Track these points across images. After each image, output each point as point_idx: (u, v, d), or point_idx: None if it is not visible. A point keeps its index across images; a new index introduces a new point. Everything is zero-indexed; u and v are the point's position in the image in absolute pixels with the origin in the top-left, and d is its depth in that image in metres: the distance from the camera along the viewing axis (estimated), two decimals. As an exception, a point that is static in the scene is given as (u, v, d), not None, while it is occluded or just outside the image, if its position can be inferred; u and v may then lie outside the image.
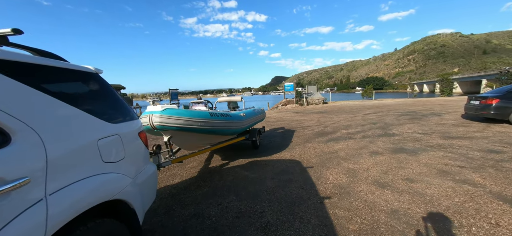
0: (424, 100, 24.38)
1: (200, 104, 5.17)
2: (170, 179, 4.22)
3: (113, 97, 1.96)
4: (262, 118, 7.12)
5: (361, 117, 11.88)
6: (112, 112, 1.86)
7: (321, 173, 4.07)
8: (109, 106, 1.86)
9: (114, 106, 1.92)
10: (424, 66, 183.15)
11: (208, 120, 3.96)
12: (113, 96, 1.97)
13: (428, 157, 4.67)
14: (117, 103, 1.97)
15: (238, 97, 6.89)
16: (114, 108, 1.91)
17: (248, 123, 5.37)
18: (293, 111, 18.20)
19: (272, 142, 6.88)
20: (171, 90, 23.53)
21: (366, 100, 27.07)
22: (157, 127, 3.54)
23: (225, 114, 4.40)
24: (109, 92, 1.94)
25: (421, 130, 7.55)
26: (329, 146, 6.03)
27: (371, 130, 8.05)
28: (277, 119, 13.13)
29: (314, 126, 9.56)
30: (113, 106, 1.91)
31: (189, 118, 3.70)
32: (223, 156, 5.60)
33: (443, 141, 5.95)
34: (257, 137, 6.16)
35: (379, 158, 4.73)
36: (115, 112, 1.88)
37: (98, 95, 1.84)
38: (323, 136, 7.45)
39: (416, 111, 13.25)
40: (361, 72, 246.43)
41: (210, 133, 4.13)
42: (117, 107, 1.94)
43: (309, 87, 26.99)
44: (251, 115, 5.71)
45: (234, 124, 4.58)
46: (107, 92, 1.92)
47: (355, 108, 17.71)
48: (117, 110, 1.92)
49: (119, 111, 1.94)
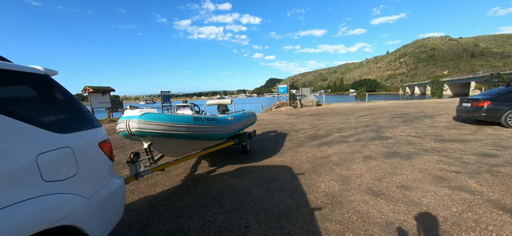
0: (416, 102, 24.63)
1: (186, 107, 4.89)
2: (151, 189, 3.92)
3: (67, 103, 1.69)
4: (253, 122, 6.89)
5: (355, 119, 11.78)
6: (64, 120, 1.59)
7: (313, 180, 3.86)
8: (60, 114, 1.59)
9: (68, 114, 1.65)
10: (415, 68, 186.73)
11: (192, 125, 3.70)
12: (68, 102, 1.70)
13: (422, 161, 4.52)
14: (73, 110, 1.70)
15: (228, 100, 6.63)
16: (68, 116, 1.64)
17: (237, 127, 5.12)
18: (287, 113, 18.05)
19: (263, 146, 6.65)
20: (163, 92, 23.05)
21: (359, 102, 27.20)
22: (134, 133, 3.26)
23: (211, 118, 4.14)
24: (61, 98, 1.67)
25: (415, 132, 7.45)
26: (321, 150, 5.84)
27: (365, 133, 7.91)
28: (270, 122, 12.93)
29: (307, 129, 9.38)
30: (66, 113, 1.64)
31: (170, 123, 3.43)
32: (211, 161, 5.33)
33: (437, 144, 5.84)
34: (247, 142, 5.92)
35: (372, 163, 4.55)
36: (68, 121, 1.61)
37: (47, 101, 1.57)
38: (316, 139, 7.26)
39: (409, 113, 13.27)
40: (354, 75, 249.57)
41: (195, 138, 3.86)
42: (71, 115, 1.67)
43: (303, 89, 26.94)
44: (240, 119, 5.46)
45: (221, 129, 4.33)
46: (59, 97, 1.65)
47: (349, 110, 17.69)
48: (71, 118, 1.65)
49: (74, 119, 1.67)
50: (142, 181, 4.24)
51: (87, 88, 18.49)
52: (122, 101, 21.85)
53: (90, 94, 18.39)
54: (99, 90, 19.09)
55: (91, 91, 18.42)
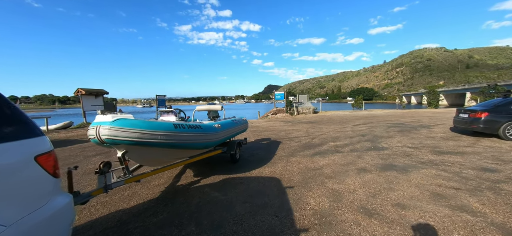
0: (413, 111, 24.59)
1: (170, 113, 4.58)
2: (126, 201, 3.59)
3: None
4: (244, 129, 6.60)
5: (351, 128, 11.55)
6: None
7: (302, 195, 3.56)
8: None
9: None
10: (412, 78, 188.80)
11: (172, 133, 3.40)
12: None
13: (419, 176, 4.25)
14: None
15: (218, 106, 6.35)
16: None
17: (224, 135, 4.82)
18: (283, 120, 17.80)
19: (254, 155, 6.34)
20: (159, 96, 22.71)
21: (356, 111, 27.09)
22: (105, 141, 2.94)
23: (194, 125, 3.85)
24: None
25: (411, 143, 7.21)
26: (314, 161, 5.55)
27: (360, 143, 7.65)
28: (265, 128, 12.64)
29: (302, 138, 9.11)
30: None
31: (146, 130, 3.13)
32: (196, 171, 5.01)
33: (434, 156, 5.59)
34: (237, 150, 5.62)
35: (367, 177, 4.26)
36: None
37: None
38: (310, 149, 6.98)
39: (405, 123, 13.09)
40: (352, 83, 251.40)
41: (175, 147, 3.55)
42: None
43: (300, 96, 26.80)
44: (229, 126, 5.17)
45: (205, 137, 4.02)
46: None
47: (345, 118, 17.50)
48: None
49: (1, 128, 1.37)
50: (118, 192, 3.90)
51: (80, 90, 18.10)
52: (115, 104, 21.44)
53: (83, 96, 18.00)
54: (92, 92, 18.71)
55: (84, 93, 18.02)
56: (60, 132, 12.95)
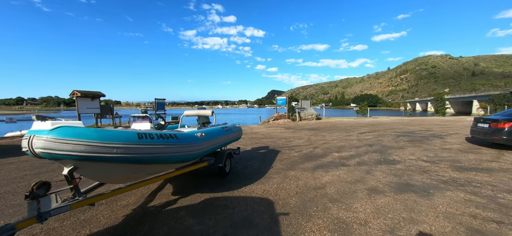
0: (420, 119, 23.61)
1: (145, 119, 3.87)
2: (77, 229, 2.85)
3: None
4: (237, 138, 5.86)
5: (356, 136, 10.74)
6: None
7: (299, 227, 2.79)
8: None
9: None
10: (416, 85, 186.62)
11: (134, 145, 2.68)
12: None
13: (445, 200, 3.45)
14: None
15: (208, 111, 5.64)
16: None
17: (209, 145, 4.08)
18: (284, 126, 17.02)
19: (248, 167, 5.58)
20: (157, 99, 22.18)
21: (360, 117, 26.18)
22: (41, 155, 2.25)
23: (167, 135, 3.12)
24: None
25: (426, 156, 6.39)
26: (316, 176, 4.77)
27: (368, 154, 6.85)
28: (264, 135, 11.89)
29: (303, 146, 8.33)
30: None
31: (96, 142, 2.42)
32: (178, 186, 4.27)
33: (457, 174, 4.77)
34: (226, 162, 4.88)
35: (380, 201, 3.48)
36: None
37: None
38: (311, 160, 6.20)
39: (414, 131, 12.23)
40: (355, 89, 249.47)
41: (140, 163, 2.83)
42: None
43: (303, 102, 26.03)
44: (216, 135, 4.43)
45: (182, 149, 3.29)
46: None
47: (349, 125, 16.66)
48: None
49: None
50: (73, 216, 3.17)
51: (75, 92, 17.58)
52: (113, 107, 20.88)
53: (78, 98, 17.44)
54: (88, 94, 18.18)
55: (79, 95, 17.51)
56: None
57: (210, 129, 4.41)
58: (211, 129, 4.45)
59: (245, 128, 15.87)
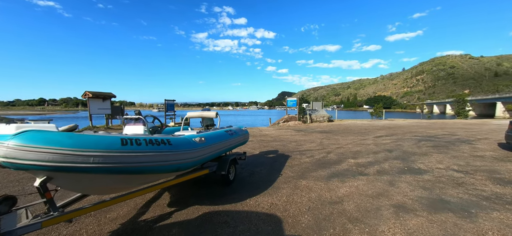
0: (440, 122, 22.20)
1: (138, 122, 3.46)
2: (55, 248, 2.47)
3: None
4: (243, 142, 5.39)
5: (372, 140, 9.98)
6: None
7: (313, 255, 2.26)
8: None
9: None
10: (433, 86, 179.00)
11: (116, 153, 2.26)
12: None
13: (494, 224, 2.81)
14: None
15: (212, 112, 5.21)
16: None
17: (210, 152, 3.62)
18: (294, 129, 16.40)
19: (254, 174, 5.09)
20: (167, 100, 22.18)
21: (375, 120, 25.04)
22: (2, 164, 1.89)
23: (159, 140, 2.69)
24: None
25: (456, 165, 5.65)
26: (331, 187, 4.21)
27: (388, 161, 6.18)
28: (274, 138, 11.35)
29: (315, 151, 7.74)
30: None
31: (70, 150, 2.02)
32: (175, 196, 3.84)
33: (500, 188, 4.06)
34: (230, 169, 4.41)
35: (411, 223, 2.88)
36: None
37: None
38: (325, 167, 5.62)
39: (437, 135, 11.28)
40: (368, 91, 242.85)
41: (123, 173, 2.41)
42: None
43: (314, 104, 25.26)
44: (218, 140, 3.97)
45: (176, 157, 2.85)
46: None
47: (364, 128, 15.79)
48: None
49: None
50: (54, 231, 2.81)
51: (87, 93, 17.85)
52: (123, 108, 21.05)
53: (90, 99, 17.70)
54: (99, 95, 18.42)
55: (91, 96, 17.74)
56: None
57: (212, 133, 3.95)
58: (213, 133, 3.99)
59: (254, 130, 15.40)
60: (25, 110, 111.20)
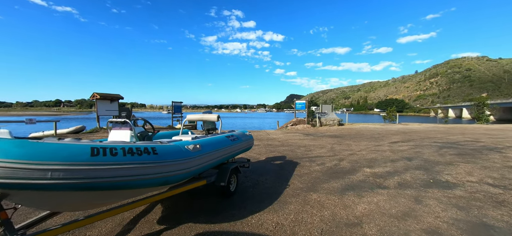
0: (459, 127, 20.93)
1: (124, 125, 3.02)
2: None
3: None
4: (246, 148, 4.91)
5: (388, 146, 9.27)
6: None
7: None
8: None
9: None
10: (448, 90, 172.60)
11: (83, 166, 1.83)
12: None
13: None
14: None
15: (214, 115, 4.77)
16: None
17: (207, 161, 3.16)
18: (303, 132, 15.78)
19: (259, 184, 4.59)
20: (174, 102, 22.07)
21: (388, 124, 23.97)
22: None
23: (140, 149, 2.24)
24: None
25: (490, 177, 4.94)
26: (346, 203, 3.65)
27: (409, 171, 5.53)
28: (281, 142, 10.81)
29: (326, 158, 7.15)
30: None
31: (22, 163, 1.60)
32: (167, 209, 3.40)
33: (554, 210, 3.37)
34: (231, 179, 3.94)
35: (453, 257, 2.30)
36: None
37: None
38: (337, 177, 5.05)
39: (459, 141, 10.40)
40: (379, 94, 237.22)
41: (94, 190, 1.97)
42: None
43: (324, 106, 24.50)
44: (217, 147, 3.51)
45: (163, 169, 2.39)
46: None
47: (377, 132, 14.96)
48: None
49: None
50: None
51: (95, 94, 17.91)
52: (131, 109, 21.06)
53: (98, 101, 17.74)
54: (107, 97, 18.45)
55: (99, 97, 17.78)
56: (68, 137, 12.30)
57: (209, 139, 3.49)
58: (211, 139, 3.52)
59: (262, 133, 14.90)
60: (42, 111, 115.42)
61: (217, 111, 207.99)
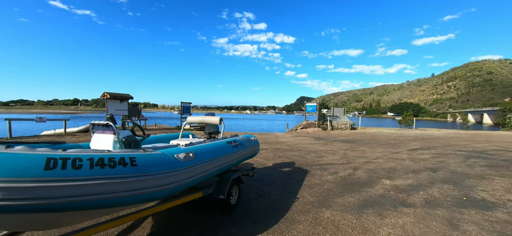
0: (483, 133, 19.51)
1: (107, 129, 2.61)
2: None
3: None
4: (250, 155, 4.44)
5: (407, 154, 8.51)
6: None
7: None
8: None
9: None
10: (467, 94, 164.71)
11: (34, 183, 1.43)
12: None
13: None
14: None
15: (216, 118, 4.34)
16: None
17: (202, 172, 2.71)
18: (314, 136, 15.12)
19: (264, 197, 4.10)
20: (183, 103, 22.02)
21: (404, 129, 22.78)
22: None
23: (115, 159, 1.82)
24: None
25: (537, 197, 4.20)
26: (365, 225, 3.10)
27: (436, 185, 4.86)
28: (291, 146, 10.27)
29: (339, 166, 6.56)
30: None
31: None
32: (158, 224, 2.98)
33: None
34: (232, 191, 3.49)
35: None
36: None
37: None
38: (353, 190, 4.48)
39: (486, 150, 9.46)
40: (393, 97, 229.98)
41: (52, 211, 1.57)
42: None
43: (335, 109, 23.65)
44: (216, 155, 3.06)
45: (146, 183, 1.96)
46: None
47: (393, 138, 14.07)
48: None
49: None
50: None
51: (105, 94, 18.06)
52: (141, 109, 21.13)
53: (108, 100, 17.87)
54: (117, 96, 18.56)
55: (109, 97, 17.91)
56: (77, 136, 12.33)
57: (206, 146, 3.04)
58: (208, 146, 3.08)
59: (270, 136, 14.39)
60: (61, 109, 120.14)
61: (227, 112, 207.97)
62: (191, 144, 2.98)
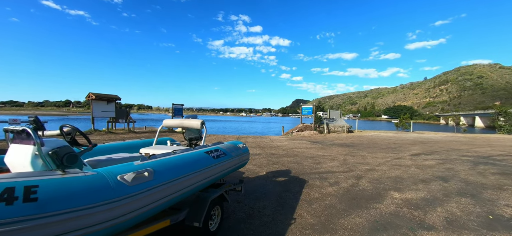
0: (480, 137, 19.21)
1: (26, 139, 1.78)
2: None
3: None
4: (238, 165, 3.71)
5: (411, 160, 7.91)
6: None
7: None
8: None
9: None
10: (459, 97, 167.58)
11: None
12: None
13: None
14: None
15: (197, 121, 3.60)
16: None
17: (162, 197, 1.95)
18: (310, 140, 14.48)
19: (253, 217, 3.38)
20: (175, 105, 21.15)
21: (402, 132, 22.38)
22: None
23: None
24: None
25: None
26: (381, 259, 2.40)
27: (452, 198, 4.22)
28: (286, 151, 9.57)
29: (339, 174, 5.89)
30: None
31: None
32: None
33: None
34: (211, 214, 2.75)
35: None
36: None
37: None
38: (359, 206, 3.80)
39: (493, 156, 8.95)
40: (387, 100, 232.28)
41: None
42: None
43: (332, 112, 23.16)
44: (186, 171, 2.31)
45: (48, 228, 1.23)
46: None
47: (392, 142, 13.53)
48: None
49: None
50: None
51: (91, 94, 17.06)
52: (129, 111, 20.10)
53: (93, 101, 16.86)
54: (103, 97, 17.55)
55: (94, 98, 16.91)
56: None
57: (174, 159, 2.30)
58: (176, 159, 2.33)
59: (265, 140, 13.68)
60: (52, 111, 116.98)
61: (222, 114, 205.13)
62: (154, 156, 2.24)
